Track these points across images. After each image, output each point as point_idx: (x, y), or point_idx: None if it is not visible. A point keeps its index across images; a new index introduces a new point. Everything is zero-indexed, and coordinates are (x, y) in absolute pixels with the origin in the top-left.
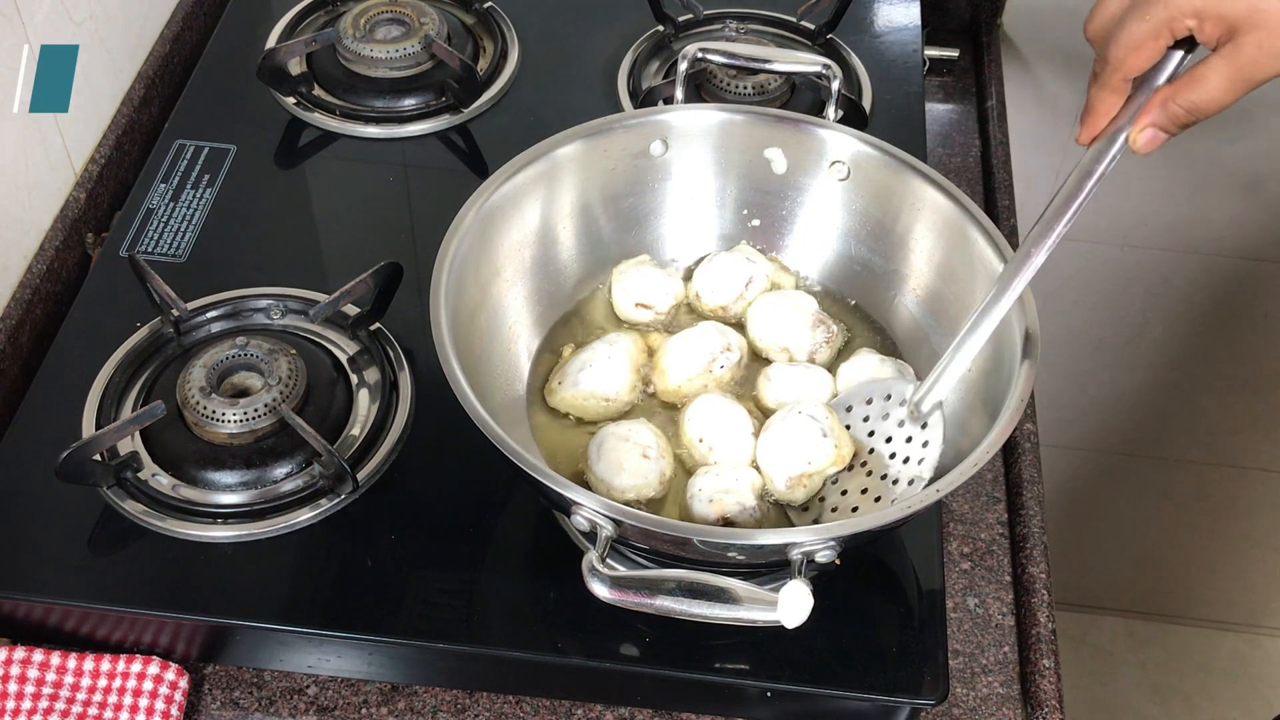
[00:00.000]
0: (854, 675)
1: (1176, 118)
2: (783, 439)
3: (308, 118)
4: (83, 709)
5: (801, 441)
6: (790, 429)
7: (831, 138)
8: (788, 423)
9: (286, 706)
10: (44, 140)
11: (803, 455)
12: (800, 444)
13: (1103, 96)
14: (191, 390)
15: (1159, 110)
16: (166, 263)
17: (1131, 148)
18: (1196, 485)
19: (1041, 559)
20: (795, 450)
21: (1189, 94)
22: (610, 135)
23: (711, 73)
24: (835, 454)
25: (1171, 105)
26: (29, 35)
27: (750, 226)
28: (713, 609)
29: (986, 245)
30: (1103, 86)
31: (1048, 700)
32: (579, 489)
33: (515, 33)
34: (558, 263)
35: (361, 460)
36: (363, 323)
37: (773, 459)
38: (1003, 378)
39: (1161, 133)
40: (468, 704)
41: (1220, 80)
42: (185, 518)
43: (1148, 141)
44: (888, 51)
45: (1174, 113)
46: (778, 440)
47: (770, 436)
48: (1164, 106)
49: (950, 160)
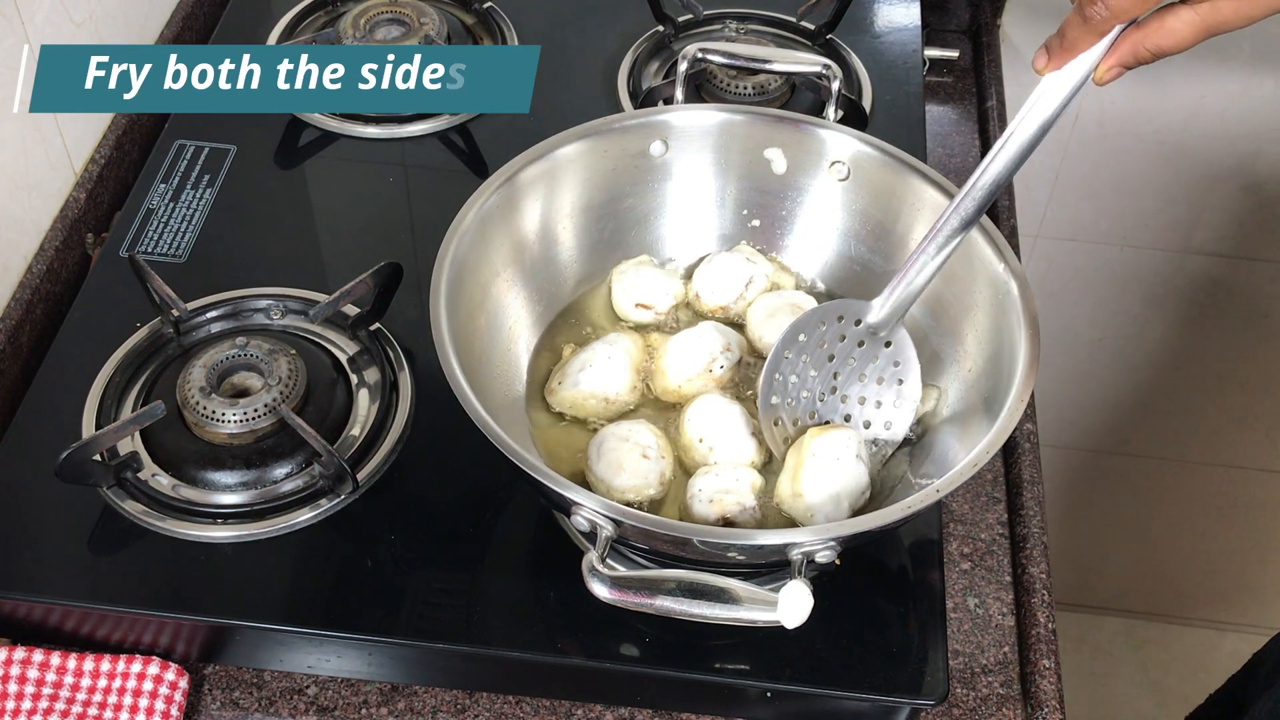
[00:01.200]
0: (854, 675)
1: (1142, 58)
2: (831, 478)
3: (308, 118)
4: (83, 709)
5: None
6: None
7: (831, 138)
8: (842, 462)
9: (286, 706)
10: (44, 140)
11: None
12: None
13: (1085, 37)
14: (191, 390)
15: (1128, 50)
16: (166, 263)
17: (1096, 80)
18: (1196, 485)
19: (1041, 559)
20: (840, 489)
21: (1158, 39)
22: (610, 135)
23: (711, 73)
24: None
25: (1140, 49)
26: (29, 35)
27: (750, 227)
28: (713, 609)
29: (986, 245)
30: (1091, 30)
31: (1048, 700)
32: (579, 489)
33: (515, 33)
34: (558, 263)
35: (361, 460)
36: (363, 323)
37: (820, 497)
38: (1003, 378)
39: (1124, 69)
40: (468, 704)
41: (1189, 30)
42: (185, 518)
43: (1111, 77)
44: (888, 51)
45: (1141, 54)
46: (825, 479)
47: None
48: (1134, 49)
49: (950, 160)
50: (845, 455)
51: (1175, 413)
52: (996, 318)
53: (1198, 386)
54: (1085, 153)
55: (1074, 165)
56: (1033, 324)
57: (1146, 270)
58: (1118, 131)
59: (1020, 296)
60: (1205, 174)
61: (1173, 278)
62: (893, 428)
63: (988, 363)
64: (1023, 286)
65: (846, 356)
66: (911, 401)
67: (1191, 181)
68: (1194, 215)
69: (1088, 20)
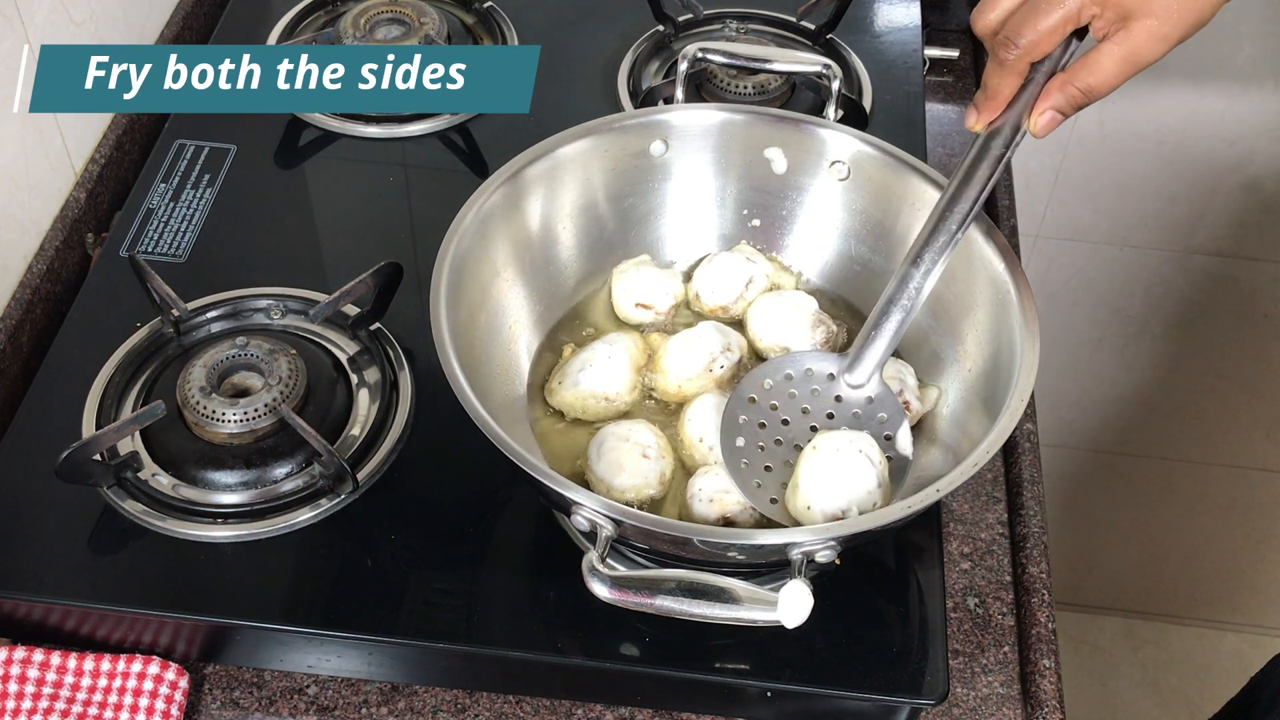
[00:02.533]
0: (854, 675)
1: (1074, 99)
2: (832, 472)
3: (308, 118)
4: (83, 709)
5: (851, 481)
6: (842, 463)
7: (831, 138)
8: (842, 454)
9: (286, 706)
10: (44, 140)
11: (847, 496)
12: (849, 483)
13: (1006, 80)
14: (191, 390)
15: (1058, 93)
16: (166, 263)
17: (1032, 131)
18: (1196, 485)
19: (1041, 559)
20: (842, 489)
21: (1086, 78)
22: (610, 135)
23: (711, 73)
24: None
25: (1070, 88)
26: (29, 35)
27: (750, 226)
28: (713, 609)
29: (986, 245)
30: (1008, 71)
31: (1048, 700)
32: (579, 489)
33: (515, 33)
34: (558, 263)
35: (361, 460)
36: (363, 323)
37: (817, 493)
38: (1003, 378)
39: (1060, 115)
40: (468, 704)
41: (1114, 64)
42: (185, 518)
43: (1047, 124)
44: (888, 51)
45: (1072, 95)
46: (825, 473)
47: (817, 468)
48: (1063, 90)
49: (950, 160)
50: (847, 449)
51: (1175, 413)
52: (996, 318)
53: (1198, 386)
54: (1085, 153)
55: (1074, 165)
56: (1033, 324)
57: (1146, 270)
58: (1118, 132)
59: (1020, 296)
60: (1205, 174)
61: (1173, 278)
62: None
63: (988, 363)
64: (1023, 286)
65: (822, 412)
66: (905, 455)
67: (1191, 181)
68: (1194, 215)
69: (1003, 64)
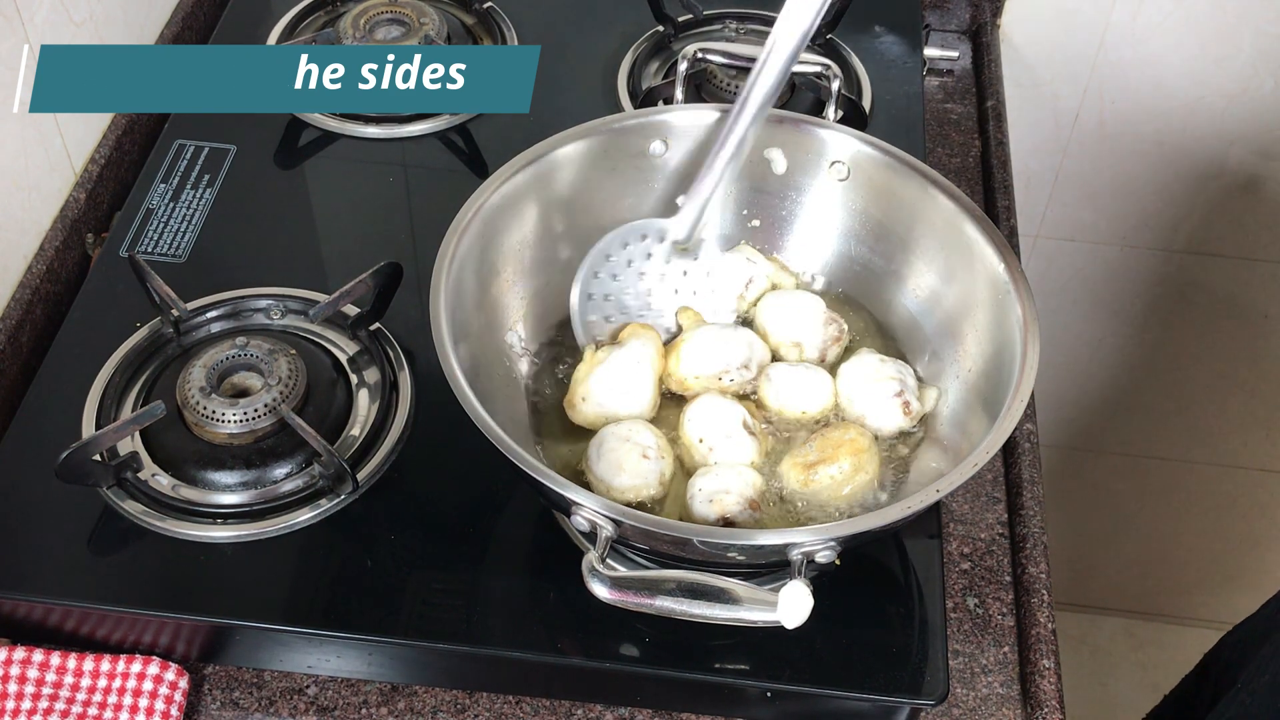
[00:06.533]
0: (854, 675)
1: None
2: (868, 380)
3: (308, 118)
4: (82, 709)
5: (881, 395)
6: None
7: (831, 138)
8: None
9: (286, 706)
10: (44, 140)
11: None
12: (879, 397)
13: None
14: (191, 390)
15: None
16: (166, 263)
17: None
18: (1196, 485)
19: (1041, 559)
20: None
21: None
22: (610, 135)
23: (711, 73)
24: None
25: None
26: (29, 35)
27: (750, 227)
28: (713, 609)
29: (986, 245)
30: None
31: (1048, 700)
32: (579, 489)
33: (515, 33)
34: (558, 263)
35: (361, 460)
36: (363, 323)
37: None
38: (1002, 378)
39: None
40: (468, 704)
41: None
42: (185, 518)
43: None
44: (888, 51)
45: None
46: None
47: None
48: None
49: (950, 160)
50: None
51: (1175, 413)
52: (996, 318)
53: (1198, 386)
54: (1085, 153)
55: (1074, 165)
56: (1033, 324)
57: (1146, 270)
58: (1117, 132)
59: (1020, 296)
60: (1205, 174)
61: (1173, 278)
62: (719, 314)
63: (988, 363)
64: (1023, 286)
65: (657, 274)
66: (724, 280)
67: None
68: (1194, 215)
69: None
